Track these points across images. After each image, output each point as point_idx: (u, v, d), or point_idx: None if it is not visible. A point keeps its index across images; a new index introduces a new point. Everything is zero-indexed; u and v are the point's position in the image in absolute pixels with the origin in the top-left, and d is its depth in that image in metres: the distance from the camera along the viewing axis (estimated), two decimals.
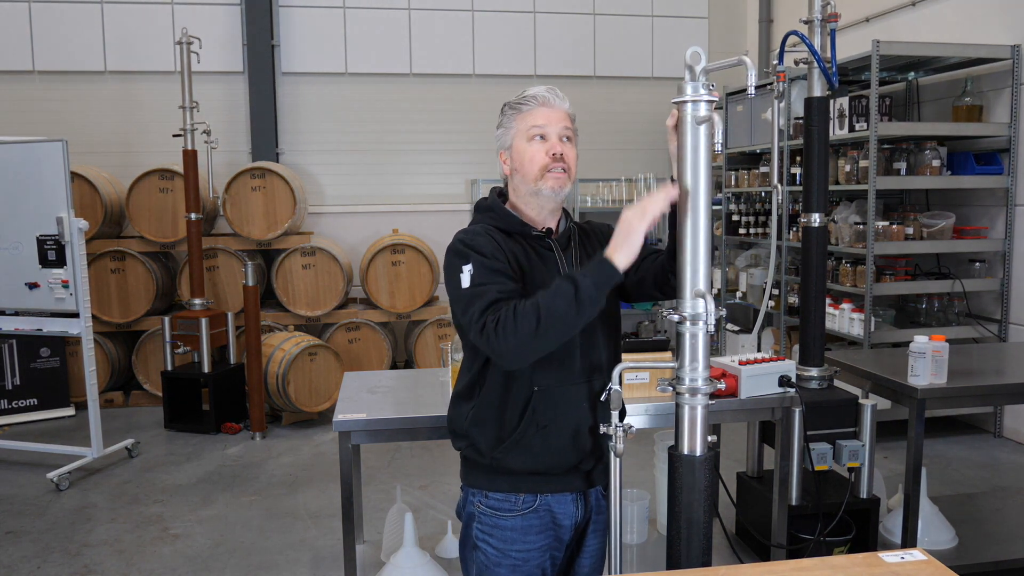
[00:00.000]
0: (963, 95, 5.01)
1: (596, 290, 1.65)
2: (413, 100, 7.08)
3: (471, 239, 1.79)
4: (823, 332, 3.06)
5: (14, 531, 3.89)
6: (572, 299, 1.63)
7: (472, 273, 1.72)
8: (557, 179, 1.82)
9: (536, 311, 1.63)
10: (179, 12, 6.64)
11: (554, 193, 1.83)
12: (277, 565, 3.52)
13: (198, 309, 5.65)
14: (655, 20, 7.40)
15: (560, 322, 1.64)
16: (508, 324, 1.63)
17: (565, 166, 1.83)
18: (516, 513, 1.85)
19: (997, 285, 4.99)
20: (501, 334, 1.63)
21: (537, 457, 1.81)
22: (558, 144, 1.83)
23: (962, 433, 5.17)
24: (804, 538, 2.95)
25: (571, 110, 1.89)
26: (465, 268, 1.73)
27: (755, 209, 6.53)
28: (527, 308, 1.64)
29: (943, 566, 1.46)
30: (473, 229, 1.85)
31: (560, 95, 1.87)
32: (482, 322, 1.66)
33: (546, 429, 1.80)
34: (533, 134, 1.84)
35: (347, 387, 2.84)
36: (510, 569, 1.85)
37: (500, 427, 1.81)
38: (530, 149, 1.84)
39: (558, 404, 1.80)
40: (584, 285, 1.64)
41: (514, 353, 1.66)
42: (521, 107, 1.86)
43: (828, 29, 2.88)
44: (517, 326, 1.62)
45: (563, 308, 1.63)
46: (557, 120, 1.84)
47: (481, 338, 1.67)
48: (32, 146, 4.57)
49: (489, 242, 1.78)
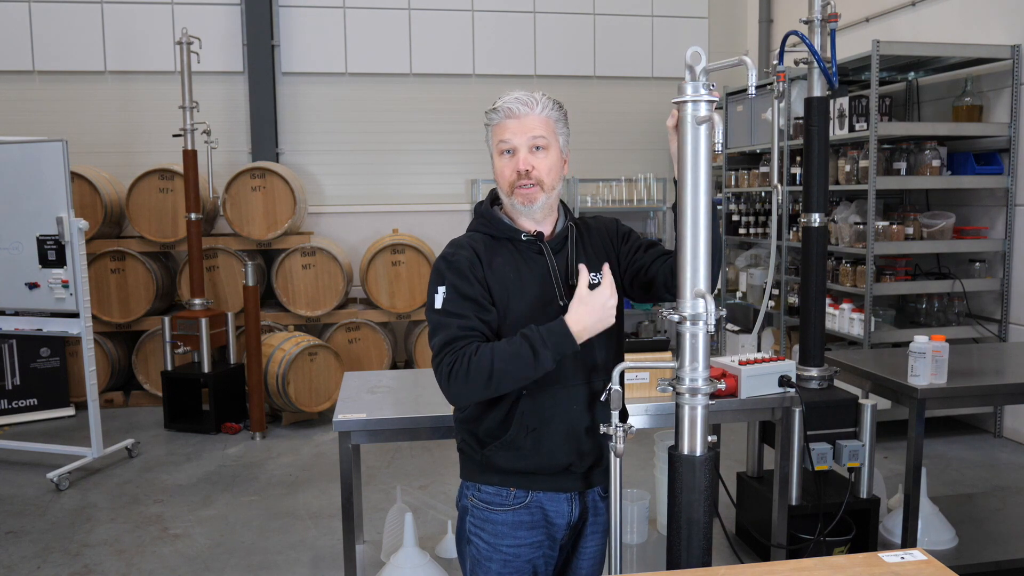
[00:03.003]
0: (963, 95, 5.01)
1: (552, 362, 1.70)
2: (413, 100, 7.08)
3: (453, 258, 1.81)
4: (823, 332, 3.06)
5: (14, 531, 3.89)
6: (528, 364, 1.68)
7: (444, 298, 1.77)
8: (525, 195, 1.81)
9: (489, 368, 1.68)
10: (179, 12, 6.64)
11: (525, 208, 1.83)
12: (277, 565, 3.52)
13: (198, 309, 5.65)
14: (655, 20, 7.40)
15: (511, 381, 1.71)
16: (460, 373, 1.69)
17: (534, 180, 1.80)
18: (507, 508, 1.85)
19: (997, 285, 4.99)
20: (452, 379, 1.70)
21: (527, 458, 1.82)
22: (525, 159, 1.80)
23: (962, 433, 5.17)
24: (804, 538, 2.95)
25: (547, 112, 1.83)
26: (440, 289, 1.78)
27: (755, 209, 6.53)
28: (481, 363, 1.68)
29: (943, 566, 1.46)
30: (461, 242, 1.86)
31: (529, 101, 1.81)
32: (439, 359, 1.73)
33: (536, 432, 1.81)
34: (501, 149, 1.83)
35: (347, 387, 2.84)
36: (501, 564, 1.86)
37: (490, 428, 1.82)
38: (499, 163, 1.84)
39: (549, 407, 1.81)
40: (544, 356, 1.68)
41: (461, 399, 1.75)
42: (491, 118, 1.85)
43: (828, 29, 2.88)
44: (468, 377, 1.69)
45: (516, 371, 1.69)
46: (525, 131, 1.81)
47: (436, 373, 1.75)
48: (32, 146, 4.57)
49: (470, 261, 1.80)
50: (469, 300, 1.77)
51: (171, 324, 5.59)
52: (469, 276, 1.78)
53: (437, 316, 1.77)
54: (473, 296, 1.77)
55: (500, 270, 1.81)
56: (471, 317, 1.76)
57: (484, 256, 1.82)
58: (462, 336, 1.73)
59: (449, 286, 1.78)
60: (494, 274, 1.81)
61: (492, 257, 1.83)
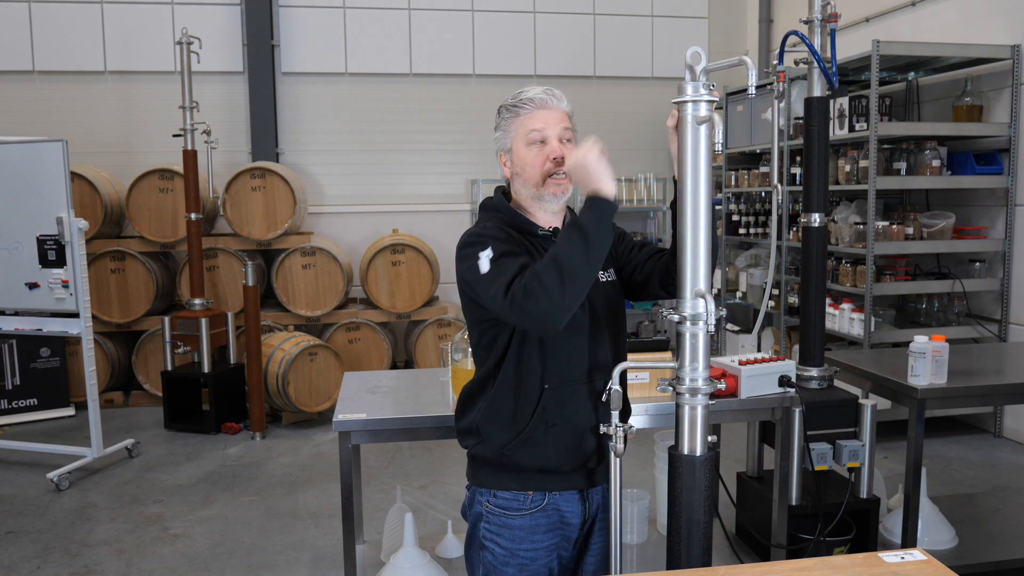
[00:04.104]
0: (963, 95, 5.01)
1: (600, 223, 1.65)
2: (413, 100, 7.08)
3: (483, 229, 1.81)
4: (823, 332, 3.06)
5: (14, 531, 3.89)
6: (581, 240, 1.63)
7: (491, 256, 1.72)
8: (559, 185, 1.82)
9: (555, 263, 1.62)
10: (179, 12, 6.64)
11: (556, 199, 1.83)
12: (277, 565, 3.52)
13: (198, 309, 5.65)
14: (655, 20, 7.40)
15: (579, 265, 1.63)
16: (534, 286, 1.62)
17: (567, 171, 1.80)
18: (525, 512, 1.85)
19: (997, 285, 4.99)
20: (532, 298, 1.62)
21: (547, 455, 1.82)
22: (558, 147, 1.81)
23: (962, 433, 5.17)
24: (804, 538, 2.95)
25: (569, 109, 1.87)
26: (483, 254, 1.72)
27: (755, 209, 6.54)
28: (546, 265, 1.63)
29: (943, 566, 1.46)
30: (483, 225, 1.85)
31: (557, 95, 1.85)
32: (509, 295, 1.65)
33: (555, 428, 1.81)
34: (533, 139, 1.82)
35: (347, 387, 2.84)
36: (518, 569, 1.85)
37: (511, 424, 1.81)
38: (530, 154, 1.83)
39: (567, 403, 1.81)
40: (586, 221, 1.65)
41: (547, 313, 1.63)
42: (519, 110, 1.84)
43: (828, 29, 2.88)
44: (544, 284, 1.61)
45: (577, 251, 1.63)
46: (556, 122, 1.82)
47: (512, 309, 1.66)
48: (32, 146, 4.57)
49: (501, 231, 1.80)
50: (515, 254, 1.74)
51: (171, 324, 5.59)
52: (508, 239, 1.78)
53: (490, 272, 1.70)
54: (518, 252, 1.75)
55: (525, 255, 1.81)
56: (523, 256, 1.74)
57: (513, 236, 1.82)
58: (520, 271, 1.69)
59: (493, 246, 1.73)
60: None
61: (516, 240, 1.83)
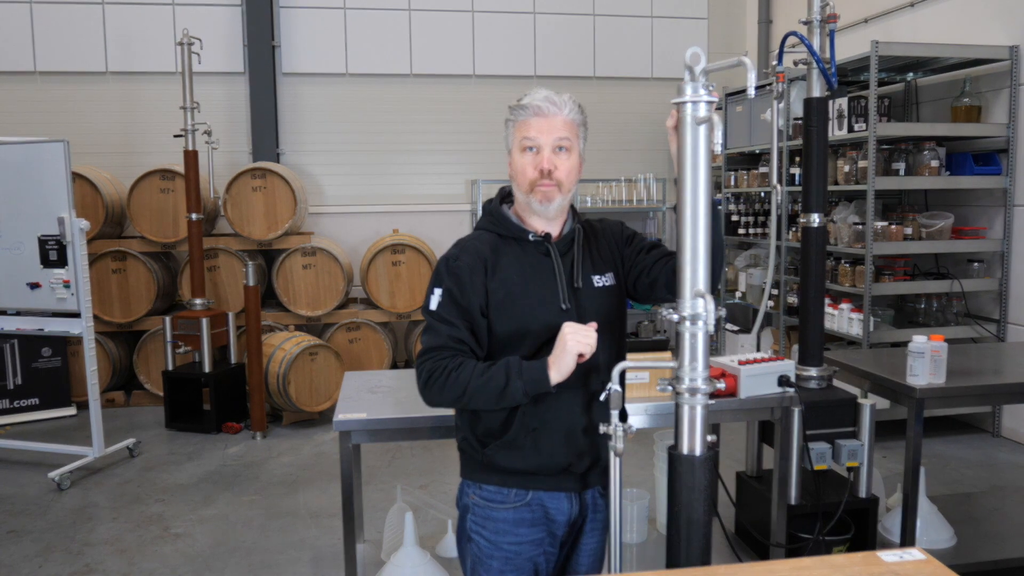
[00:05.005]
0: (962, 96, 5.02)
1: (523, 396, 1.74)
2: (413, 100, 7.09)
3: (455, 262, 1.83)
4: (822, 332, 3.07)
5: (15, 530, 3.90)
6: (498, 393, 1.74)
7: (439, 301, 1.82)
8: (544, 194, 1.82)
9: (465, 386, 1.74)
10: (180, 13, 6.65)
11: (542, 207, 1.84)
12: (278, 564, 3.53)
13: (199, 309, 5.65)
14: (655, 21, 7.41)
15: (481, 402, 1.77)
16: (438, 382, 1.76)
17: (554, 181, 1.81)
18: (508, 506, 1.86)
19: (995, 285, 5.00)
20: (429, 386, 1.78)
21: (527, 458, 1.83)
22: (548, 159, 1.81)
23: (961, 433, 5.18)
24: (803, 537, 2.96)
25: (572, 114, 1.84)
26: (436, 291, 1.83)
27: (755, 209, 6.54)
28: (459, 379, 1.75)
29: (942, 565, 1.46)
30: (466, 244, 1.87)
31: (559, 102, 1.82)
32: (422, 362, 1.80)
33: (536, 432, 1.82)
34: (525, 146, 1.83)
35: (347, 387, 2.84)
36: (502, 561, 1.86)
37: (490, 427, 1.84)
38: (521, 161, 1.84)
39: (549, 408, 1.82)
40: (514, 388, 1.73)
41: (432, 404, 1.82)
42: (517, 115, 1.85)
43: (827, 30, 2.88)
44: (444, 389, 1.76)
45: (487, 396, 1.75)
46: (551, 131, 1.81)
47: (416, 372, 1.82)
48: (34, 146, 4.58)
49: (471, 268, 1.82)
50: (462, 308, 1.80)
51: (172, 324, 5.60)
52: (467, 283, 1.80)
53: (430, 317, 1.83)
54: (466, 305, 1.80)
55: (504, 272, 1.82)
56: (460, 327, 1.80)
57: (490, 258, 1.83)
58: (448, 346, 1.79)
59: (445, 290, 1.81)
60: (497, 276, 1.82)
61: (498, 258, 1.84)
